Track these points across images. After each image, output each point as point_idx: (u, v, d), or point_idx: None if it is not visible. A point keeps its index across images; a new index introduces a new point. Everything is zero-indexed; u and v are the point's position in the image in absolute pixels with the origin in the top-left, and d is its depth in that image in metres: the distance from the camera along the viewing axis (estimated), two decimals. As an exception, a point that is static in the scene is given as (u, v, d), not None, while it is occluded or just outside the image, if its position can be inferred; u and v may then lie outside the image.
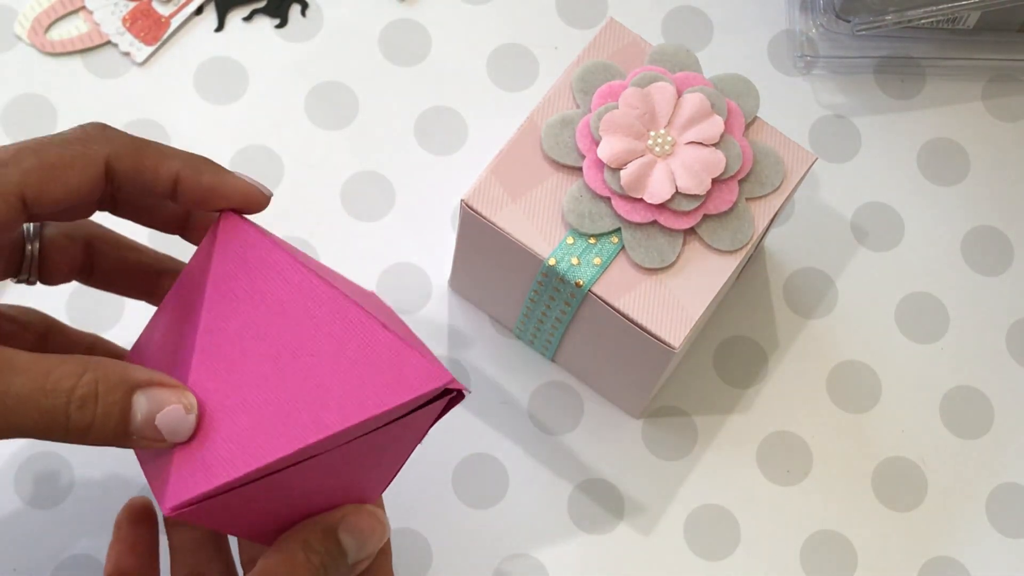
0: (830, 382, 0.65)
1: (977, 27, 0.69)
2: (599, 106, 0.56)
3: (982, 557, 0.63)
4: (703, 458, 0.63)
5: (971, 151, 0.69)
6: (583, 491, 0.62)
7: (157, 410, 0.42)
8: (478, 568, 0.61)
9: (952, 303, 0.66)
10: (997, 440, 0.64)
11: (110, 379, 0.42)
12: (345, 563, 0.47)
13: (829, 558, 0.62)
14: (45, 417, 0.41)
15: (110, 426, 0.42)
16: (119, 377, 0.42)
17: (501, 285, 0.60)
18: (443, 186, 0.66)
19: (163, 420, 0.42)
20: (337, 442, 0.43)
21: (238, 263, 0.45)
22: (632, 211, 0.55)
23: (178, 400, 0.42)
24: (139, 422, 0.42)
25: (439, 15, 0.69)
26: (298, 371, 0.43)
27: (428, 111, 0.68)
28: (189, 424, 0.42)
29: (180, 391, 0.42)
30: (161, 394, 0.42)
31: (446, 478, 0.62)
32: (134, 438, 0.42)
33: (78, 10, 0.68)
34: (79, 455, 0.61)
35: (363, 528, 0.47)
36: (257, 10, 0.69)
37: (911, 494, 0.63)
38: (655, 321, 0.54)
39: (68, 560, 0.59)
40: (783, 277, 0.66)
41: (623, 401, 0.63)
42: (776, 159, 0.57)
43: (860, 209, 0.67)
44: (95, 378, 0.41)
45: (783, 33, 0.70)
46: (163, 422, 0.42)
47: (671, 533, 0.62)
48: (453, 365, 0.63)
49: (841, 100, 0.69)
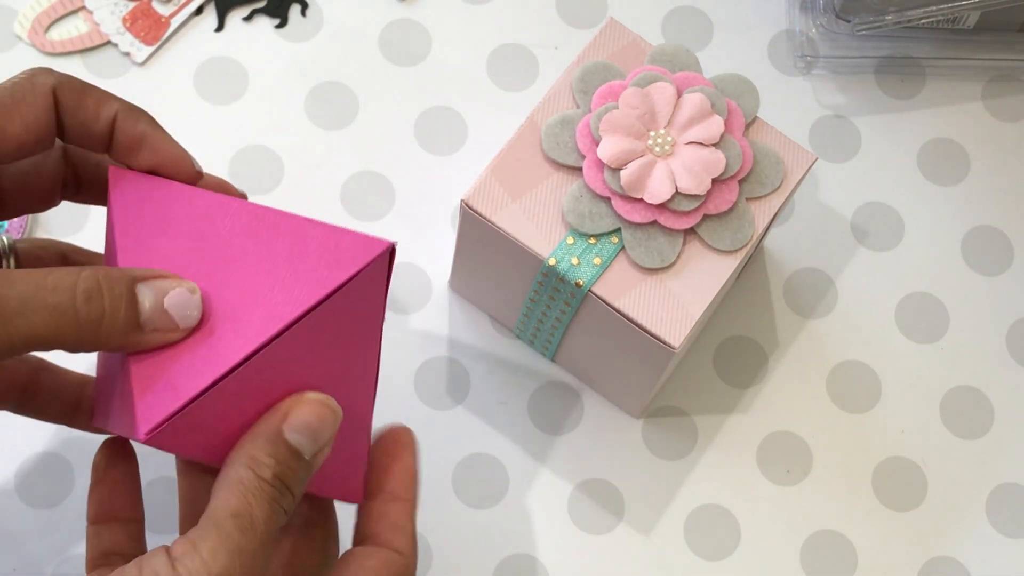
0: (830, 382, 0.65)
1: (977, 27, 0.69)
2: (599, 106, 0.56)
3: (982, 557, 0.63)
4: (703, 458, 0.63)
5: (971, 151, 0.69)
6: (583, 491, 0.62)
7: (162, 296, 0.42)
8: (478, 568, 0.61)
9: (952, 303, 0.66)
10: (997, 440, 0.64)
11: (111, 274, 0.42)
12: (303, 463, 0.44)
13: (829, 558, 0.62)
14: (55, 314, 0.41)
15: (120, 317, 0.42)
16: (119, 272, 0.42)
17: (501, 285, 0.60)
18: (443, 186, 0.66)
19: (171, 302, 0.42)
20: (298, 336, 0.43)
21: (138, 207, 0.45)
22: (632, 211, 0.55)
23: (180, 284, 0.43)
24: (148, 310, 0.42)
25: (439, 15, 0.69)
26: (236, 281, 0.43)
27: (428, 111, 0.68)
28: (196, 303, 0.43)
29: (179, 278, 0.43)
30: (163, 282, 0.43)
31: (446, 478, 0.62)
32: (147, 330, 0.42)
33: (78, 10, 0.68)
34: (79, 455, 0.61)
35: (310, 421, 0.43)
36: (257, 10, 0.69)
37: (911, 494, 0.63)
38: (655, 321, 0.54)
39: (68, 560, 0.59)
40: (783, 277, 0.66)
41: (623, 401, 0.63)
42: (776, 159, 0.57)
43: (860, 209, 0.67)
44: (94, 274, 0.42)
45: (783, 33, 0.70)
46: (172, 304, 0.42)
47: (671, 533, 0.62)
48: (453, 365, 0.63)
49: (841, 100, 0.69)
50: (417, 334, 0.64)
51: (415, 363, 0.63)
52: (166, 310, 0.42)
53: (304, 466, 0.44)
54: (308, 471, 0.44)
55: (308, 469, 0.44)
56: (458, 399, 0.63)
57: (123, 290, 0.42)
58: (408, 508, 0.48)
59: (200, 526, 0.42)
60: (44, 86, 0.45)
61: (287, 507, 0.43)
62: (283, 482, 0.43)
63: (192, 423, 0.42)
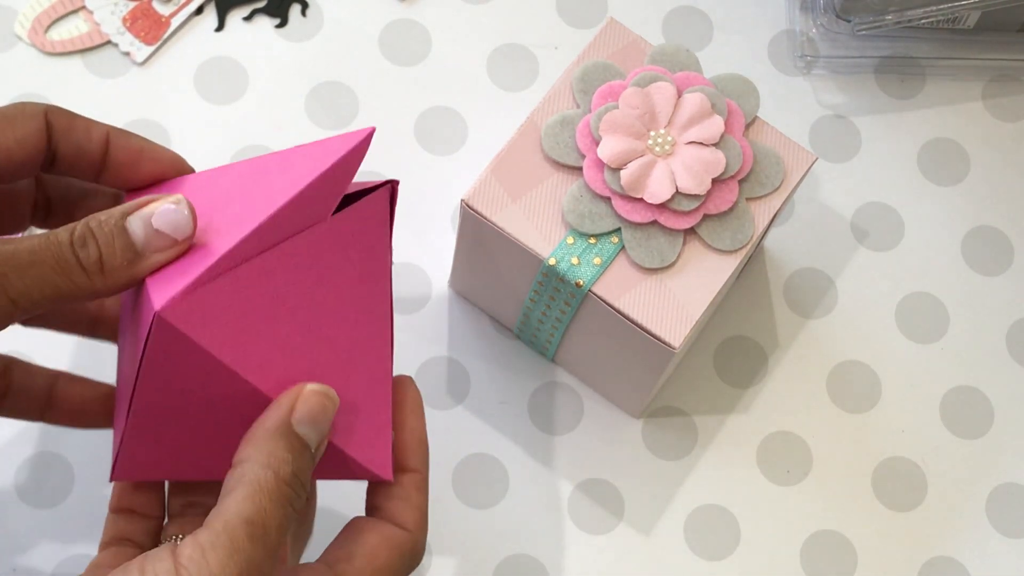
0: (830, 382, 0.65)
1: (977, 27, 0.69)
2: (599, 106, 0.56)
3: (982, 557, 0.63)
4: (703, 458, 0.63)
5: (971, 151, 0.69)
6: (583, 491, 0.62)
7: (150, 219, 0.43)
8: (478, 568, 0.61)
9: (952, 303, 0.66)
10: (997, 440, 0.64)
11: (98, 216, 0.44)
12: (310, 455, 0.44)
13: (829, 558, 0.62)
14: (60, 264, 0.43)
15: (118, 252, 0.43)
16: (106, 213, 0.44)
17: (501, 285, 0.60)
18: (443, 186, 0.66)
19: (161, 221, 0.43)
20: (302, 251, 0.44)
21: None
22: (632, 211, 0.55)
23: (163, 201, 0.44)
24: (141, 235, 0.43)
25: (439, 15, 0.69)
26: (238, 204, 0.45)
27: (428, 111, 0.68)
28: (185, 213, 0.43)
29: (164, 196, 0.44)
30: (147, 207, 0.44)
31: (446, 478, 0.62)
32: (148, 255, 0.43)
33: (78, 10, 0.68)
34: (79, 455, 0.61)
35: (316, 413, 0.44)
36: (257, 10, 0.69)
37: (911, 494, 0.63)
38: (655, 321, 0.54)
39: (68, 560, 0.59)
40: (783, 277, 0.66)
41: (623, 401, 0.63)
42: (776, 159, 0.57)
43: (860, 209, 0.67)
44: (86, 222, 0.43)
45: (783, 33, 0.70)
46: (161, 222, 0.43)
47: (671, 533, 0.62)
48: (453, 365, 0.63)
49: (841, 100, 0.69)
50: (417, 334, 0.64)
51: (415, 363, 0.63)
52: (158, 230, 0.43)
53: (310, 459, 0.44)
54: (312, 465, 0.44)
55: (312, 463, 0.44)
56: (458, 399, 0.63)
57: (112, 226, 0.43)
58: (417, 480, 0.46)
59: (211, 530, 0.41)
60: (36, 110, 0.47)
61: (298, 508, 0.43)
62: (299, 480, 0.43)
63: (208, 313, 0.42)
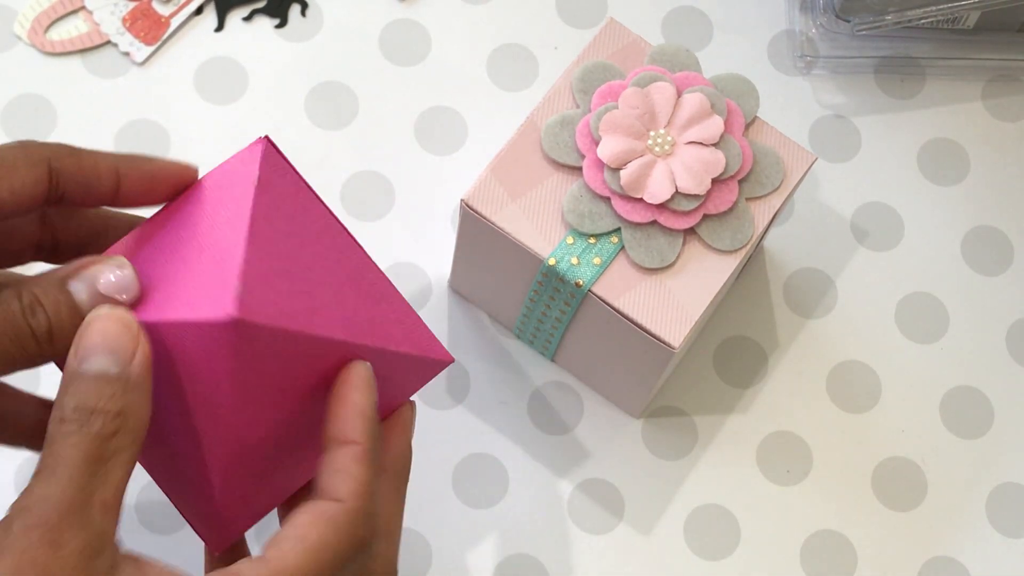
0: (830, 382, 0.65)
1: (977, 27, 0.69)
2: (599, 106, 0.56)
3: (982, 557, 0.63)
4: (703, 458, 0.63)
5: (971, 151, 0.69)
6: (583, 491, 0.62)
7: (95, 283, 0.43)
8: (478, 568, 0.61)
9: (952, 303, 0.66)
10: (997, 440, 0.64)
11: (40, 283, 0.44)
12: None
13: (829, 558, 0.62)
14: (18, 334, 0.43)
15: (65, 318, 0.43)
16: (47, 279, 0.44)
17: (501, 285, 0.60)
18: (443, 186, 0.66)
19: (106, 288, 0.43)
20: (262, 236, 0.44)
21: None
22: (632, 211, 0.55)
23: (105, 265, 0.44)
24: (87, 301, 0.43)
25: (439, 15, 0.69)
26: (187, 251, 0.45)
27: (428, 111, 0.68)
28: (129, 275, 0.44)
29: (105, 258, 0.44)
30: (89, 271, 0.44)
31: (446, 478, 0.62)
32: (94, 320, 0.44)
33: (78, 10, 0.68)
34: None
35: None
36: (257, 10, 0.69)
37: (911, 494, 0.63)
38: (655, 321, 0.54)
39: (68, 560, 0.59)
40: (783, 277, 0.66)
41: (623, 401, 0.63)
42: (776, 159, 0.57)
43: (860, 209, 0.67)
44: (29, 290, 0.43)
45: (783, 33, 0.70)
46: (107, 289, 0.43)
47: (671, 533, 0.62)
48: (453, 365, 0.63)
49: (841, 100, 0.69)
50: (417, 334, 0.64)
51: (415, 363, 0.63)
52: (103, 295, 0.43)
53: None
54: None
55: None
56: (458, 399, 0.63)
57: (55, 292, 0.43)
58: (356, 451, 0.45)
59: None
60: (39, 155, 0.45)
61: None
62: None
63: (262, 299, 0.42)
